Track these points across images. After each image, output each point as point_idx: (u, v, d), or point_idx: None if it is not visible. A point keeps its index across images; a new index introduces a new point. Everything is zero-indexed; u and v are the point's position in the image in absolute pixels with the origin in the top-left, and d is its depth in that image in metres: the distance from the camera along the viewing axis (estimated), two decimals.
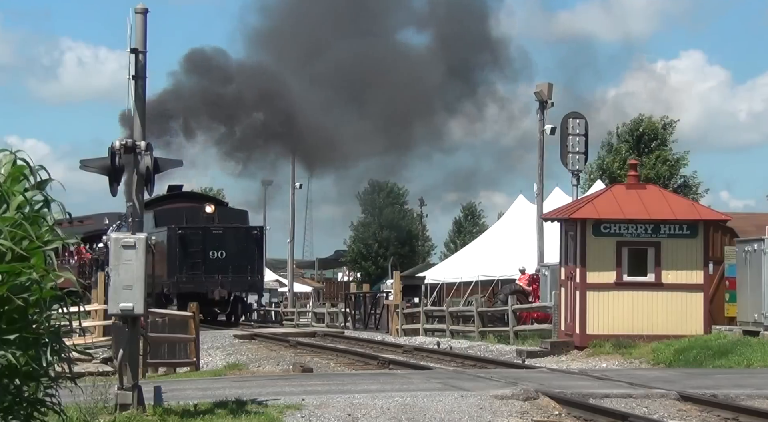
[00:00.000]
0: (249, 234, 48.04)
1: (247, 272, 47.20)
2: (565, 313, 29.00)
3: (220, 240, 47.03)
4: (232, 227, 47.95)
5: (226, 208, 52.16)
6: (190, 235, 46.98)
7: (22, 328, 8.47)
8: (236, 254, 46.88)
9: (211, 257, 46.65)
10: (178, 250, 46.64)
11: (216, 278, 46.34)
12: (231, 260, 46.81)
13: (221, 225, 47.78)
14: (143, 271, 14.20)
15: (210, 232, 47.09)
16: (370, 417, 14.75)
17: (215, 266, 46.56)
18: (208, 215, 48.06)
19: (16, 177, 8.90)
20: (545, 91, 41.42)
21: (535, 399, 16.28)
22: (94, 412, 13.88)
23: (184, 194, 52.74)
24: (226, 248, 46.97)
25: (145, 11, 14.71)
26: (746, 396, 16.69)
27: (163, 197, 51.46)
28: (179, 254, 46.59)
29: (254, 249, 47.69)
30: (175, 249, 46.69)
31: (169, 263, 46.64)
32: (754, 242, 27.39)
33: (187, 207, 49.35)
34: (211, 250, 46.74)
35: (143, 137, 14.62)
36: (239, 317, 48.62)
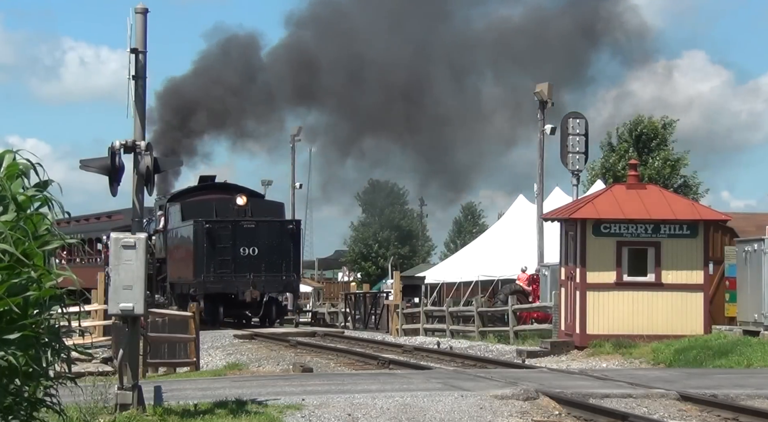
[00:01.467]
0: (284, 228, 43.81)
1: (282, 270, 43.04)
2: (565, 313, 28.99)
3: (252, 235, 42.88)
4: (266, 221, 43.77)
5: (260, 200, 47.34)
6: (218, 229, 42.88)
7: (22, 328, 8.47)
8: (270, 251, 42.85)
9: (242, 254, 42.58)
10: (205, 246, 42.57)
11: (247, 278, 42.28)
12: (264, 258, 42.80)
13: (253, 219, 43.64)
14: (143, 271, 14.19)
15: (241, 226, 42.99)
16: (370, 417, 14.75)
17: (246, 264, 42.55)
18: (240, 208, 44.01)
19: (12, 175, 8.89)
20: (545, 92, 41.40)
21: (535, 399, 16.28)
22: (94, 412, 13.88)
23: (215, 185, 47.98)
24: (259, 244, 42.85)
25: (145, 11, 14.71)
26: (746, 396, 16.68)
27: (193, 189, 48.28)
28: (207, 250, 42.51)
29: (289, 245, 43.48)
30: (202, 245, 42.64)
31: (196, 261, 42.85)
32: (754, 242, 27.39)
33: (218, 199, 45.17)
34: (242, 246, 42.69)
35: (143, 136, 14.62)
36: (273, 320, 43.95)
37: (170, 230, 46.52)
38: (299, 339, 34.33)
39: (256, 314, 43.19)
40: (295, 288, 45.06)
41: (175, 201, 46.78)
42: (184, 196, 47.00)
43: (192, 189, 48.22)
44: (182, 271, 44.36)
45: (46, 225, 8.99)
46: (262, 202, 46.69)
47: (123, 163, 14.48)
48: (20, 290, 8.44)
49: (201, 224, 42.76)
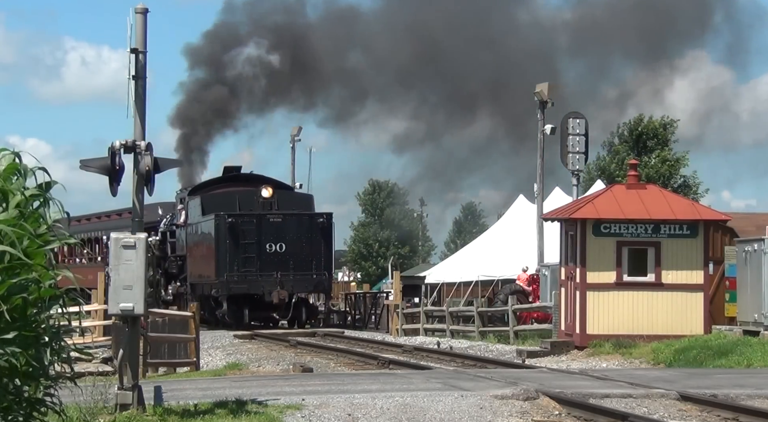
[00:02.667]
0: (314, 222, 40.30)
1: (312, 268, 39.76)
2: (565, 313, 28.99)
3: (280, 230, 39.56)
4: (294, 215, 40.35)
5: (287, 191, 43.46)
6: (242, 224, 39.48)
7: (21, 327, 8.47)
8: (299, 247, 39.63)
9: (269, 251, 39.41)
10: (228, 242, 39.25)
11: (274, 277, 39.07)
12: (292, 255, 39.53)
13: (280, 212, 40.13)
14: (143, 271, 14.19)
15: (266, 220, 39.65)
16: (370, 417, 14.74)
17: (273, 262, 39.28)
18: (265, 200, 40.39)
19: (10, 175, 8.89)
20: (545, 92, 41.40)
21: (536, 399, 16.28)
22: (94, 412, 13.88)
23: (238, 176, 44.35)
24: (287, 239, 39.60)
25: (145, 11, 14.71)
26: (746, 396, 16.68)
27: (215, 181, 44.87)
28: (230, 247, 39.24)
29: (320, 241, 40.05)
30: (224, 242, 39.30)
31: (218, 259, 39.49)
32: (754, 242, 27.39)
33: (241, 191, 41.65)
34: (269, 242, 39.40)
35: (143, 136, 14.61)
36: (303, 323, 40.51)
37: (190, 225, 43.42)
38: (299, 339, 34.26)
39: (284, 316, 40.05)
40: (327, 288, 41.39)
41: (195, 194, 43.48)
42: (205, 188, 43.80)
43: (214, 181, 44.91)
44: (203, 270, 41.53)
45: (45, 224, 8.98)
46: (289, 194, 43.09)
47: (123, 163, 14.48)
48: (20, 290, 8.44)
49: (223, 218, 39.41)
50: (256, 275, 39.18)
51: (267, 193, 40.56)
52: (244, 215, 39.79)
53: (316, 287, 40.59)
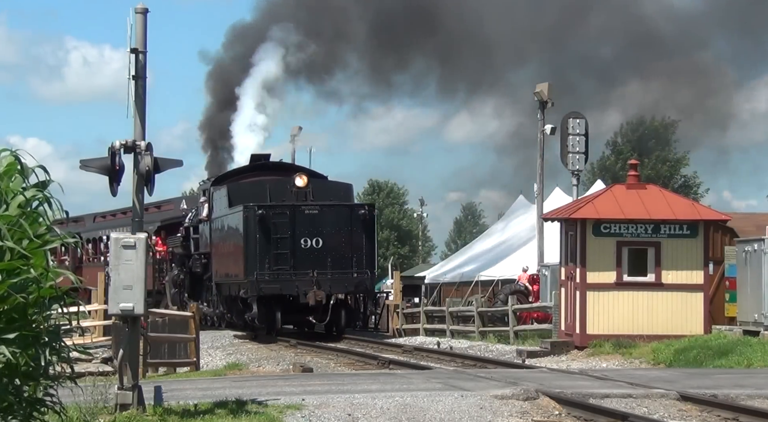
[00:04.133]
0: (354, 214, 35.79)
1: (352, 266, 35.34)
2: (565, 313, 28.99)
3: (316, 223, 35.31)
4: (332, 206, 35.94)
5: (323, 180, 38.78)
6: (274, 216, 35.19)
7: (21, 327, 8.47)
8: (337, 242, 35.36)
9: (304, 247, 35.08)
10: (258, 237, 35.05)
11: (310, 276, 34.69)
12: (330, 251, 35.29)
13: (317, 203, 35.77)
14: (143, 271, 14.20)
15: (301, 212, 35.38)
16: (370, 417, 14.74)
17: (309, 259, 35.01)
18: (300, 190, 36.08)
19: (9, 175, 8.89)
20: (545, 92, 41.40)
21: (536, 399, 16.28)
22: (94, 412, 13.89)
23: (268, 164, 40.29)
24: (324, 233, 35.28)
25: (145, 11, 14.72)
26: (746, 396, 16.68)
27: (241, 170, 40.84)
28: (260, 242, 35.07)
29: (361, 235, 35.53)
30: (254, 236, 35.11)
31: (247, 256, 35.25)
32: (754, 242, 27.40)
33: (272, 180, 37.62)
34: (303, 237, 35.09)
35: (143, 136, 14.62)
36: (343, 329, 36.19)
37: (215, 219, 39.34)
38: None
39: (322, 320, 35.32)
40: (370, 289, 36.54)
41: (221, 184, 39.39)
42: (232, 178, 39.80)
43: (240, 170, 40.90)
44: (230, 268, 37.45)
45: (44, 224, 8.98)
46: (325, 183, 38.50)
47: (123, 163, 14.49)
48: (20, 290, 8.44)
49: (252, 210, 35.15)
50: (289, 274, 34.94)
51: (301, 182, 36.15)
52: (276, 207, 35.54)
53: (356, 288, 35.89)
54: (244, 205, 35.44)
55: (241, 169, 41.23)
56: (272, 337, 34.70)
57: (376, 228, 37.17)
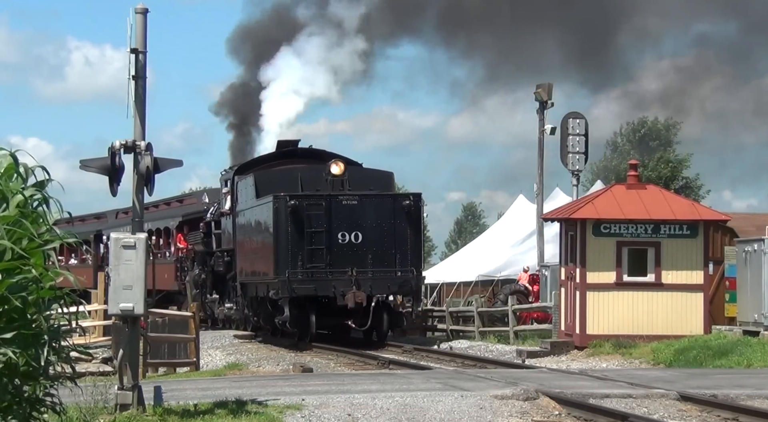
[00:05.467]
0: (398, 205, 31.79)
1: (396, 263, 31.52)
2: (565, 313, 29.00)
3: (355, 215, 31.53)
4: (373, 196, 32.08)
5: (360, 168, 34.65)
6: (308, 208, 31.37)
7: (20, 327, 8.48)
8: (380, 237, 31.55)
9: (341, 242, 31.35)
10: (290, 231, 31.25)
11: (348, 275, 30.98)
12: (371, 246, 31.53)
13: (356, 192, 31.91)
14: (143, 271, 14.20)
15: (338, 203, 31.53)
16: (370, 417, 14.75)
17: (347, 256, 31.30)
18: (336, 178, 32.20)
19: (9, 175, 8.90)
20: (545, 92, 41.42)
21: (535, 399, 16.29)
22: (94, 412, 13.89)
23: (296, 151, 36.31)
24: (364, 227, 31.49)
25: (145, 11, 14.72)
26: (746, 396, 16.69)
27: (268, 158, 36.95)
28: (292, 237, 31.26)
29: (406, 228, 31.65)
30: (285, 230, 31.30)
31: (278, 253, 31.48)
32: (754, 242, 27.42)
33: (304, 168, 33.86)
34: (341, 231, 31.34)
35: (143, 136, 14.63)
36: (385, 334, 32.15)
37: (239, 211, 35.67)
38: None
39: (362, 324, 31.61)
40: (416, 289, 32.45)
41: (246, 172, 35.61)
42: (258, 166, 35.98)
43: (266, 158, 36.92)
44: (258, 266, 33.84)
45: (45, 225, 8.99)
46: (363, 171, 34.47)
47: (123, 163, 14.50)
48: (19, 290, 8.45)
49: (284, 200, 31.34)
50: (325, 273, 31.25)
51: (337, 169, 32.22)
52: (310, 197, 31.69)
53: (401, 288, 32.02)
54: (274, 195, 31.62)
55: (266, 156, 37.24)
56: (305, 344, 31.21)
57: (422, 221, 33.24)
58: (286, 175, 33.57)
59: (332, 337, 32.61)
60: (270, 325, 33.79)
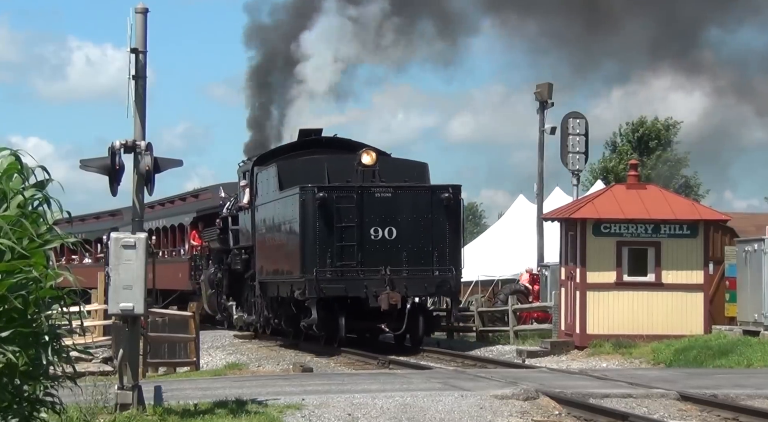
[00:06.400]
0: (436, 198, 29.09)
1: (433, 262, 28.86)
2: (565, 313, 29.00)
3: (389, 209, 28.83)
4: (408, 188, 29.43)
5: (392, 158, 31.90)
6: (338, 200, 28.75)
7: (20, 327, 8.48)
8: (416, 233, 28.90)
9: (374, 238, 28.69)
10: (317, 226, 28.65)
11: (382, 274, 28.39)
12: (407, 243, 28.85)
13: (390, 184, 29.31)
14: (143, 271, 14.21)
15: (371, 195, 28.91)
16: (370, 416, 14.75)
17: (380, 254, 28.64)
18: (366, 169, 29.56)
19: (10, 175, 8.91)
20: (545, 92, 41.44)
21: (536, 399, 16.29)
22: (94, 412, 13.91)
23: (320, 141, 33.62)
24: (399, 222, 28.84)
25: (145, 11, 14.73)
26: (746, 396, 16.69)
27: (290, 147, 34.14)
28: (320, 232, 28.66)
29: (444, 224, 29.01)
30: (312, 224, 28.69)
31: (305, 250, 28.79)
32: (754, 242, 27.41)
33: (330, 158, 31.09)
34: (374, 226, 28.69)
35: (143, 136, 14.63)
36: (420, 339, 29.61)
37: (260, 205, 32.87)
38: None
39: (396, 328, 29.11)
40: (454, 290, 29.79)
41: (268, 163, 32.79)
42: (281, 155, 33.20)
43: (288, 147, 34.16)
44: (281, 264, 31.09)
45: (45, 224, 8.99)
46: (395, 161, 31.63)
47: (123, 163, 14.51)
48: (20, 289, 8.45)
49: (311, 192, 28.70)
50: (356, 272, 28.67)
51: (369, 158, 29.57)
52: (341, 188, 29.12)
53: (438, 289, 29.45)
54: (301, 186, 28.95)
55: (288, 146, 34.59)
56: (334, 349, 29.00)
57: (462, 215, 30.32)
58: (312, 165, 30.82)
59: (360, 341, 30.09)
60: (293, 328, 31.32)
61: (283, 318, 31.72)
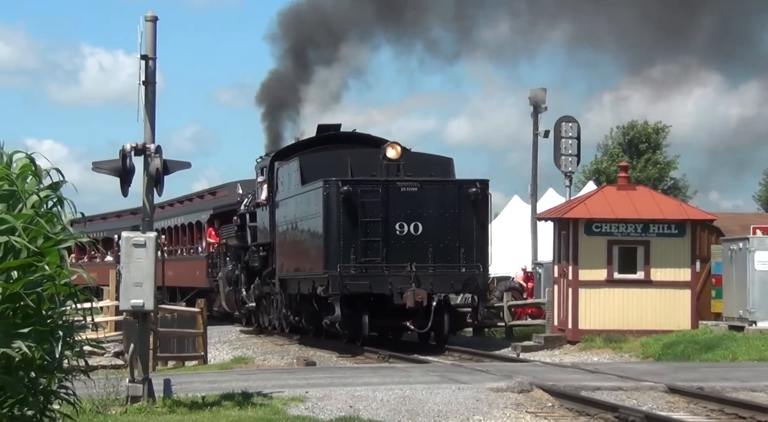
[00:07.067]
0: (463, 193, 27.37)
1: (460, 259, 27.25)
2: (558, 309, 29.01)
3: (414, 204, 27.18)
4: (435, 182, 27.78)
5: (417, 153, 29.99)
6: (362, 194, 27.07)
7: (36, 322, 8.51)
8: (442, 229, 27.26)
9: (399, 234, 27.03)
10: (341, 220, 27.02)
11: (407, 271, 26.75)
12: (433, 239, 27.21)
13: (416, 178, 27.60)
14: (153, 269, 14.23)
15: (396, 189, 27.22)
16: (371, 408, 14.76)
17: (406, 250, 26.99)
18: (391, 163, 27.87)
19: (25, 176, 8.92)
20: (539, 96, 41.42)
21: (529, 392, 16.29)
22: (106, 403, 13.93)
23: (340, 136, 31.87)
24: (425, 217, 27.21)
25: (154, 19, 14.75)
26: (732, 389, 16.71)
27: (309, 142, 32.25)
28: (344, 227, 27.02)
29: (471, 219, 27.35)
30: (336, 220, 27.07)
31: (328, 245, 27.14)
32: (739, 241, 27.44)
33: (353, 153, 29.47)
34: (399, 221, 27.02)
35: (153, 140, 14.65)
36: (446, 338, 27.98)
37: (281, 201, 31.05)
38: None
39: (421, 326, 27.27)
40: (482, 288, 28.05)
41: (289, 158, 30.96)
42: (303, 149, 31.41)
43: (307, 143, 32.29)
44: (302, 261, 29.39)
45: (60, 224, 9.01)
46: (421, 155, 29.77)
47: (134, 165, 14.53)
48: (35, 287, 8.48)
49: (335, 186, 27.03)
50: (381, 268, 26.91)
51: (394, 152, 27.84)
52: (366, 182, 27.40)
53: (465, 287, 27.82)
54: (324, 180, 27.26)
55: (307, 141, 32.76)
56: (357, 347, 27.39)
57: (490, 211, 28.63)
58: (335, 159, 29.14)
59: (382, 340, 28.62)
60: (313, 326, 29.73)
61: (304, 315, 30.08)
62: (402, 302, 26.52)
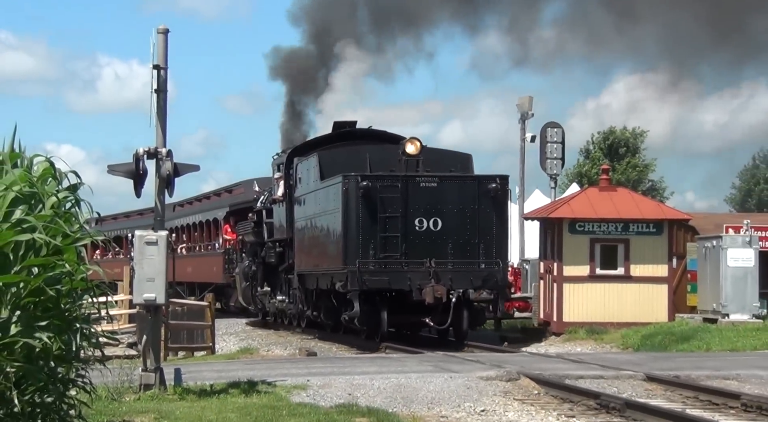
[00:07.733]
0: (483, 189, 25.71)
1: (479, 254, 25.61)
2: (544, 303, 29.05)
3: (434, 199, 25.66)
4: (454, 177, 26.21)
5: (435, 149, 28.38)
6: (381, 190, 25.49)
7: (55, 315, 8.54)
8: (461, 224, 25.63)
9: (418, 229, 25.49)
10: (361, 216, 25.48)
11: (426, 267, 25.15)
12: (452, 235, 25.61)
13: (435, 174, 26.07)
14: (164, 265, 14.25)
15: (415, 185, 25.68)
16: (368, 395, 14.77)
17: (425, 246, 25.46)
18: (411, 158, 26.31)
19: (45, 179, 8.96)
20: (526, 104, 41.47)
21: (517, 380, 16.31)
22: (120, 391, 13.95)
23: (355, 133, 30.37)
24: (444, 213, 25.66)
25: (166, 31, 14.77)
26: (705, 377, 16.74)
27: (326, 139, 30.66)
28: (363, 223, 25.44)
29: (491, 215, 25.74)
30: (355, 215, 25.52)
31: (347, 240, 25.59)
32: (713, 239, 27.48)
33: (372, 148, 28.05)
34: (418, 216, 25.48)
35: (164, 144, 14.66)
36: (465, 334, 26.09)
37: (299, 197, 29.57)
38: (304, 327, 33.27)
39: (440, 322, 25.61)
40: (501, 284, 26.00)
41: (307, 153, 29.45)
42: (321, 145, 29.86)
43: (324, 139, 30.68)
44: (320, 256, 27.89)
45: (77, 223, 9.04)
46: (439, 151, 28.26)
47: (146, 168, 14.54)
48: (54, 282, 8.51)
49: (355, 181, 25.52)
50: (400, 264, 25.39)
51: (413, 148, 26.30)
52: (385, 177, 25.87)
53: (485, 283, 25.80)
54: (344, 175, 25.77)
55: (324, 137, 31.10)
56: (376, 343, 25.73)
57: (509, 207, 27.63)
58: (353, 155, 27.58)
59: (400, 336, 27.24)
60: (332, 321, 28.10)
61: (322, 310, 28.36)
62: (421, 298, 24.96)
